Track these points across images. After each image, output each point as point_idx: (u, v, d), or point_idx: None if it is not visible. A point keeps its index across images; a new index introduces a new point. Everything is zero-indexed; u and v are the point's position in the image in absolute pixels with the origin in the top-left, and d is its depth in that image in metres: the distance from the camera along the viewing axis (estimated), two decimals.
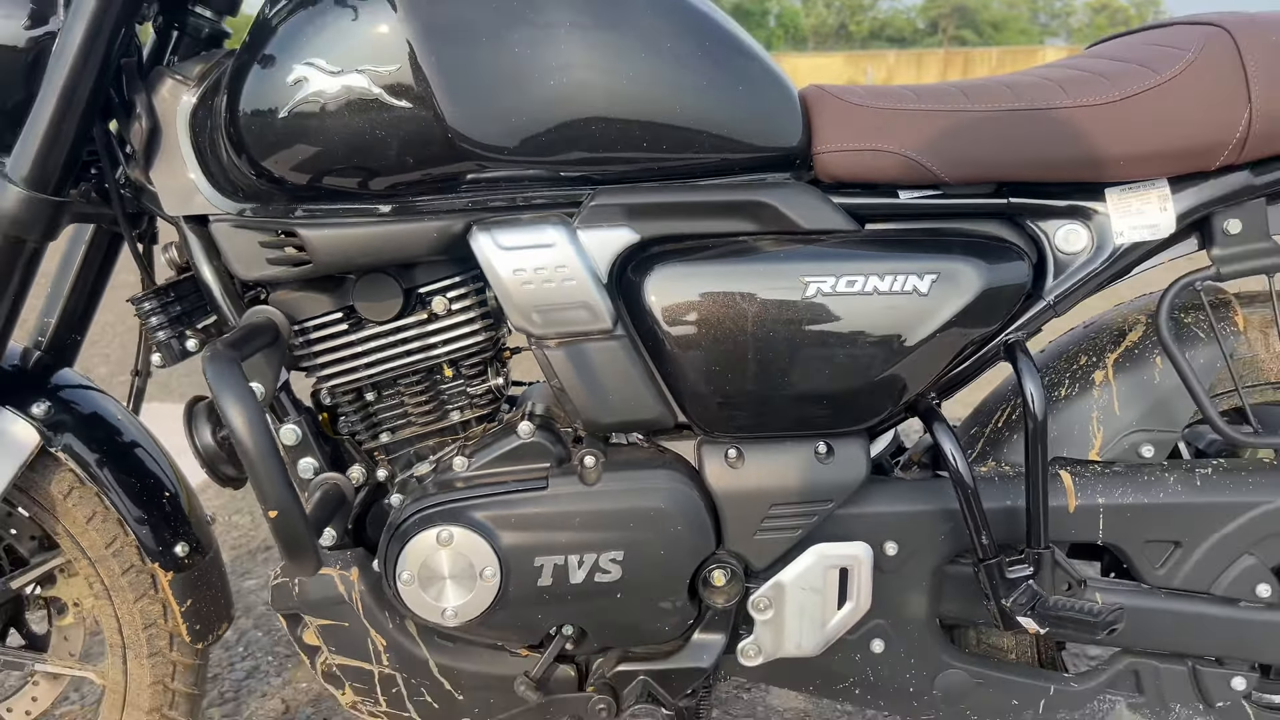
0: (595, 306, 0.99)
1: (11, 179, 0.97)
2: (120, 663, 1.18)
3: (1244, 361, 1.10)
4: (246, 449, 0.87)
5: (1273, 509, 1.05)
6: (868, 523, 1.06)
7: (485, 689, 1.08)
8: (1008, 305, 1.02)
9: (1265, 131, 0.97)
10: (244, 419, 0.87)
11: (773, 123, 1.00)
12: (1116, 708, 1.12)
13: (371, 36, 0.91)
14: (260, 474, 0.87)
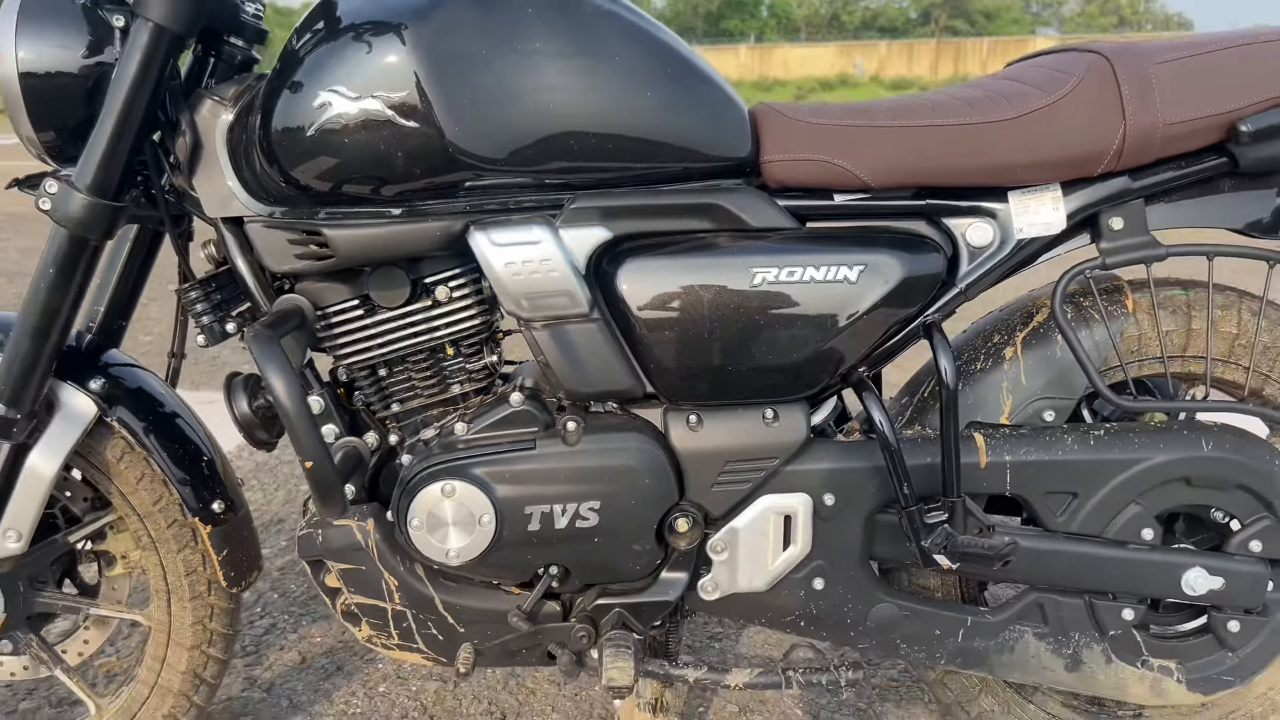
0: (575, 294, 1.16)
1: (77, 187, 1.14)
2: (165, 606, 1.36)
3: (1132, 338, 1.28)
4: (286, 410, 1.05)
5: (1155, 464, 1.23)
6: (808, 477, 1.24)
7: (483, 622, 1.26)
8: (925, 291, 1.20)
9: (1138, 143, 1.15)
10: (284, 386, 1.05)
11: (725, 136, 1.18)
12: (1025, 636, 1.30)
13: (384, 67, 1.09)
14: (298, 430, 1.05)
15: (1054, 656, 1.30)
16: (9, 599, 1.31)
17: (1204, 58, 1.17)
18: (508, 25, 1.10)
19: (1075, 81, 1.15)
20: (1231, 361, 1.29)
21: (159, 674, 1.37)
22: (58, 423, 1.24)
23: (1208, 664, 1.32)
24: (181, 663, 1.36)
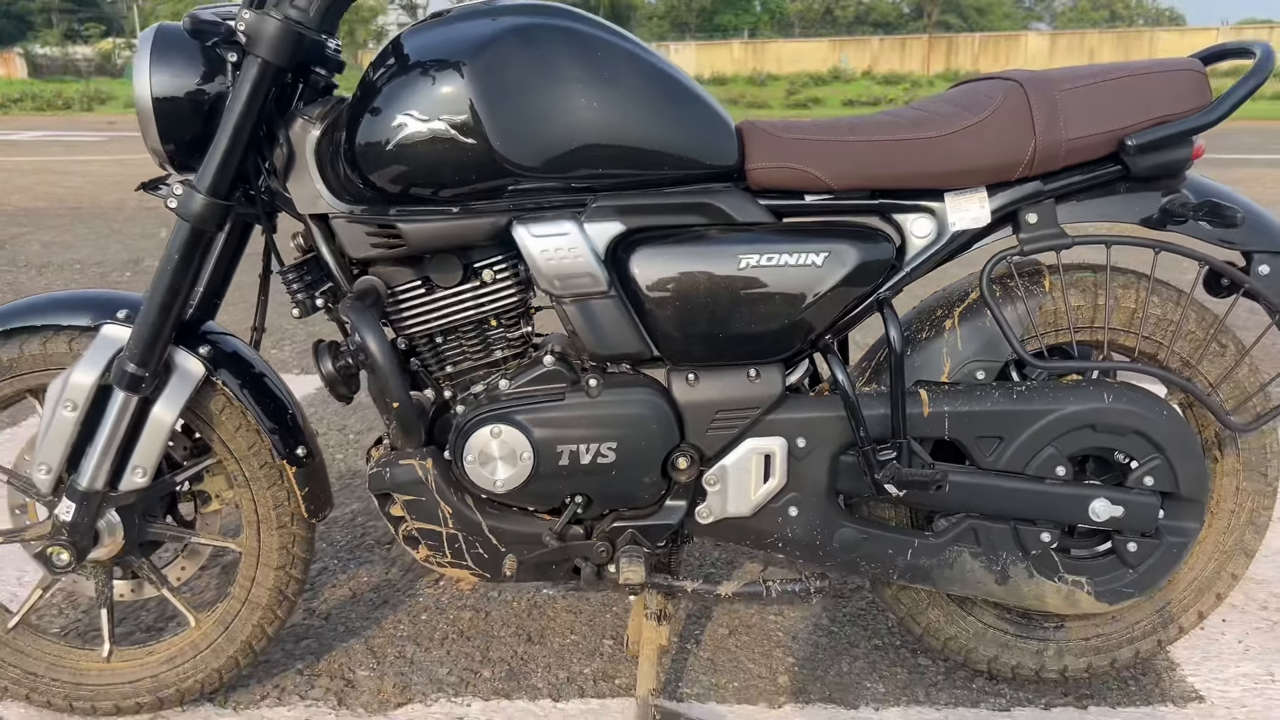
0: (596, 275, 1.45)
1: (197, 189, 1.42)
2: (255, 534, 1.64)
3: (1049, 313, 1.57)
4: (378, 363, 1.34)
5: (1065, 413, 1.52)
6: (784, 424, 1.53)
7: (521, 542, 1.55)
8: (878, 273, 1.48)
9: (1046, 154, 1.44)
10: (376, 344, 1.34)
11: (716, 148, 1.46)
12: (962, 555, 1.59)
13: (447, 95, 1.37)
14: (388, 378, 1.34)
15: (986, 572, 1.59)
16: (127, 527, 1.59)
17: (1100, 84, 1.46)
18: (542, 62, 1.39)
19: (996, 105, 1.44)
20: (1131, 331, 1.58)
21: (250, 591, 1.66)
22: (174, 381, 1.53)
23: (1112, 579, 1.61)
24: (269, 581, 1.65)
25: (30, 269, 5.58)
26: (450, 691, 1.76)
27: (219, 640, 1.67)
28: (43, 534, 1.57)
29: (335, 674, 1.81)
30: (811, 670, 1.81)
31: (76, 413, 1.50)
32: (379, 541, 2.31)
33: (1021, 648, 1.72)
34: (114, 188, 9.52)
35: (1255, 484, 1.65)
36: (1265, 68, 1.46)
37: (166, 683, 1.67)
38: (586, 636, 1.92)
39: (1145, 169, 1.47)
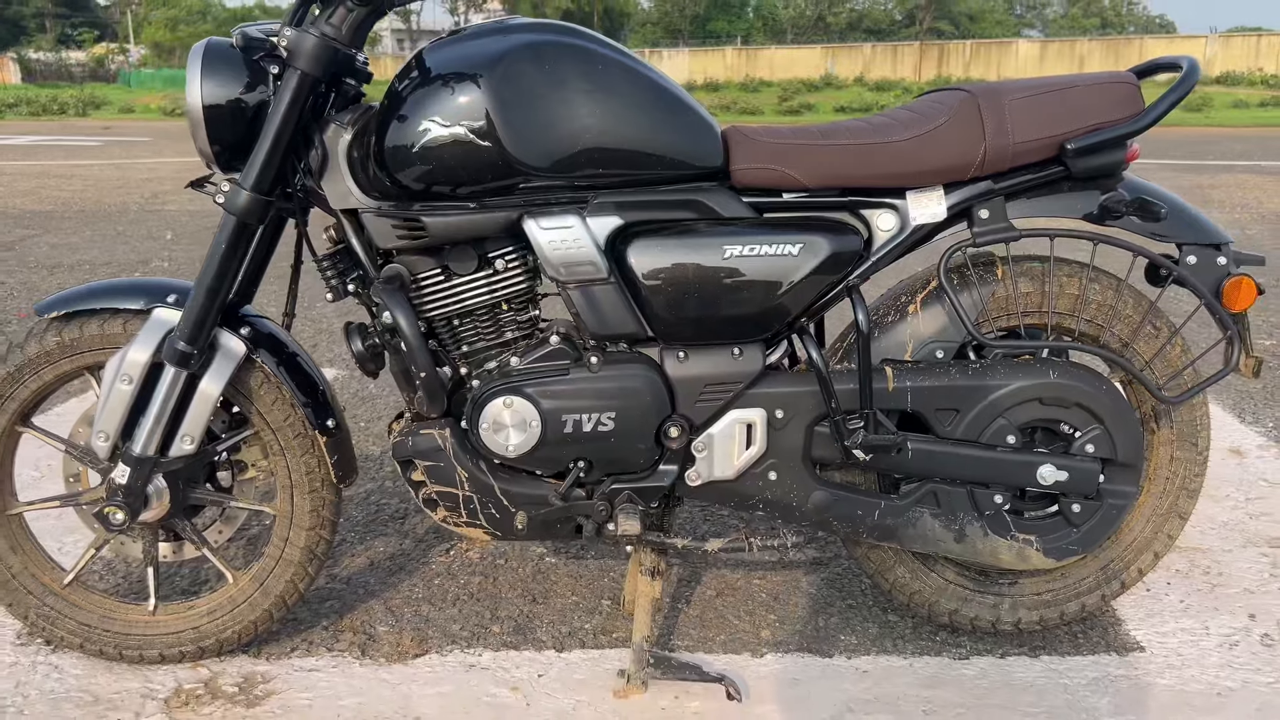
0: (597, 263, 1.63)
1: (243, 186, 1.60)
2: (289, 498, 1.82)
3: (1001, 298, 1.76)
4: (408, 337, 1.53)
5: (1015, 388, 1.71)
6: (764, 397, 1.71)
7: (529, 503, 1.73)
8: (848, 263, 1.67)
9: (996, 157, 1.62)
10: (406, 321, 1.53)
11: (704, 152, 1.65)
12: (924, 516, 1.78)
13: (466, 104, 1.55)
14: (416, 351, 1.53)
15: (945, 531, 1.78)
16: (173, 492, 1.77)
17: (1044, 95, 1.65)
18: (550, 74, 1.57)
19: (951, 113, 1.63)
20: (1074, 315, 1.76)
21: (284, 550, 1.83)
22: (219, 358, 1.70)
23: (1058, 537, 1.79)
24: (301, 540, 1.82)
25: (41, 269, 5.75)
26: (463, 644, 1.94)
27: (255, 595, 1.85)
28: (98, 497, 1.75)
29: (358, 630, 1.99)
30: (791, 626, 2.00)
31: (132, 386, 1.68)
32: (392, 517, 2.49)
33: (979, 602, 1.90)
34: (116, 192, 9.68)
35: (1187, 453, 1.84)
36: (1190, 80, 1.65)
37: (207, 633, 1.85)
38: (586, 597, 2.10)
39: (1084, 170, 1.66)
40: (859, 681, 1.82)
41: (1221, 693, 1.78)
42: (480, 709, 1.74)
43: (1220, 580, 2.18)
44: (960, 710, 1.74)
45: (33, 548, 1.87)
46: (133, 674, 1.85)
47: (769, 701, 1.76)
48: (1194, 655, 1.90)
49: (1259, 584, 2.16)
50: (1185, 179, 10.52)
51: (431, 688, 1.80)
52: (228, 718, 1.72)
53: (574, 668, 1.86)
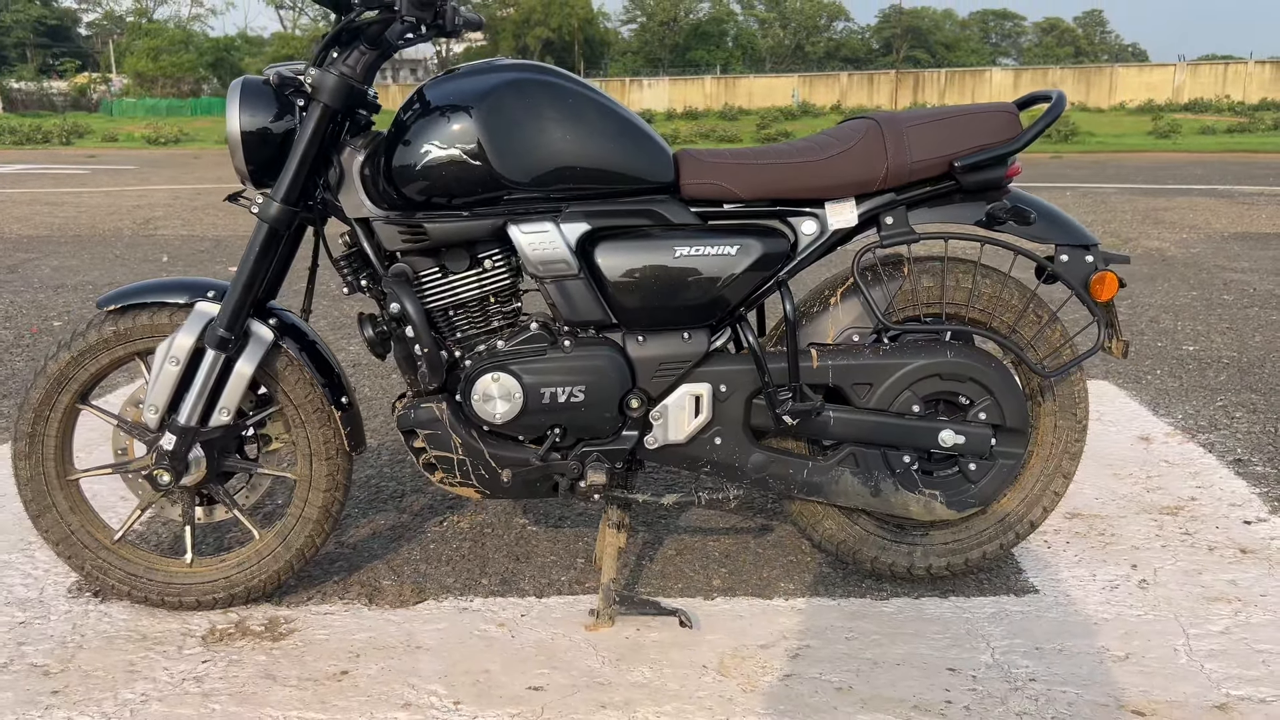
0: (569, 262, 1.97)
1: (274, 199, 1.93)
2: (308, 464, 2.13)
3: (908, 292, 2.10)
4: (414, 319, 1.86)
5: (917, 365, 2.05)
6: (710, 374, 2.05)
7: (513, 464, 2.05)
8: (777, 261, 2.01)
9: (896, 173, 1.98)
10: (412, 306, 1.86)
11: (658, 170, 1.99)
12: (845, 474, 2.11)
13: (460, 131, 1.89)
14: (420, 330, 1.86)
15: (863, 487, 2.11)
16: (209, 460, 2.08)
17: (938, 122, 2.00)
18: (529, 106, 1.92)
19: (859, 137, 1.98)
20: (967, 304, 2.11)
21: (303, 510, 2.15)
22: (251, 344, 2.03)
23: (959, 492, 2.13)
24: (319, 501, 2.14)
25: (47, 289, 6.05)
26: (456, 593, 2.26)
27: (278, 549, 2.16)
28: (146, 463, 2.07)
29: (365, 583, 2.30)
30: (739, 576, 2.32)
31: (178, 367, 2.00)
32: (391, 496, 2.81)
33: (896, 550, 2.23)
34: (108, 217, 9.98)
35: (1068, 421, 2.18)
36: (1057, 109, 2.01)
37: (236, 582, 2.16)
38: (563, 556, 2.42)
39: (972, 183, 2.01)
40: (793, 617, 2.15)
41: (1098, 622, 2.12)
42: (473, 640, 2.06)
43: (1112, 540, 2.52)
44: (877, 637, 2.07)
45: (88, 509, 2.18)
46: (173, 617, 2.16)
47: (717, 632, 2.08)
48: (1079, 595, 2.24)
49: (1144, 542, 2.50)
50: (1141, 202, 10.98)
51: (431, 625, 2.12)
52: (257, 649, 2.03)
53: (552, 609, 2.18)
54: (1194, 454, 3.12)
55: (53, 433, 2.09)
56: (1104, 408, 3.59)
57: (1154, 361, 4.26)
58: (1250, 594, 2.23)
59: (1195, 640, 2.05)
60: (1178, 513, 2.67)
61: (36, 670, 1.95)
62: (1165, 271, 6.51)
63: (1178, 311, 5.27)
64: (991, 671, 1.94)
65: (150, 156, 22.61)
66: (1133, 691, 1.87)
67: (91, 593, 2.24)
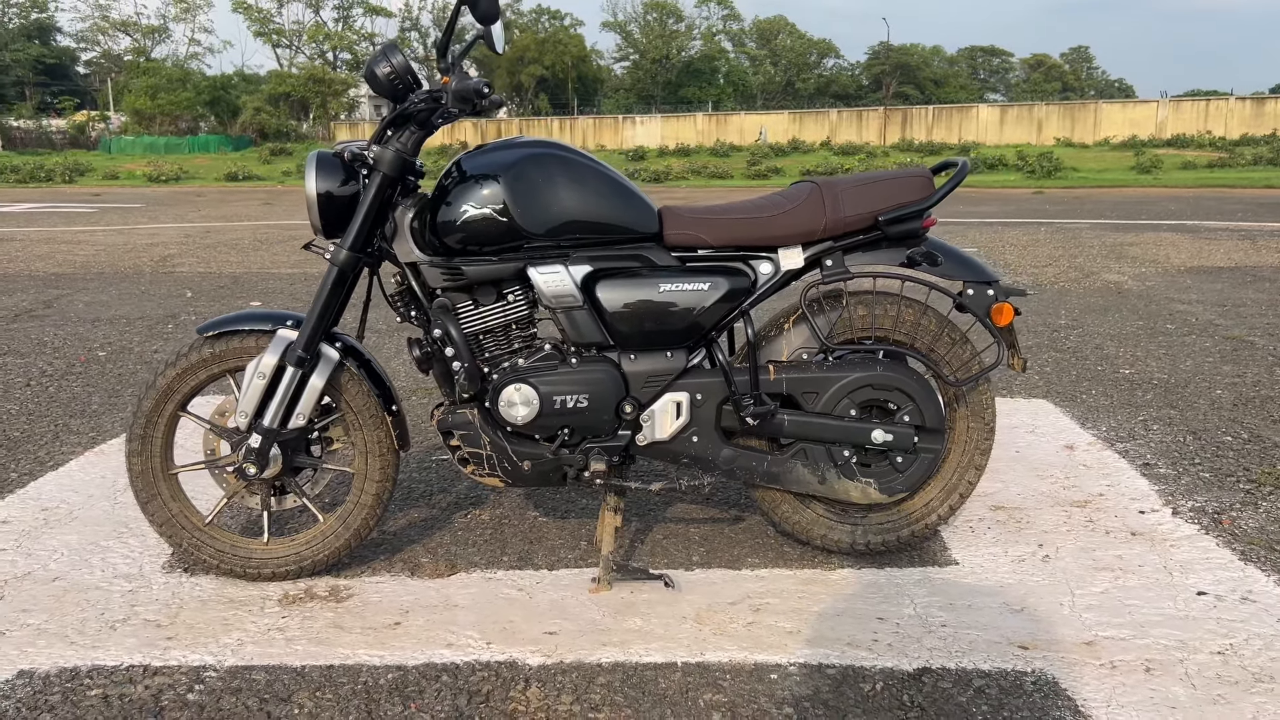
0: (576, 295, 2.49)
1: (344, 247, 2.46)
2: (364, 460, 2.64)
3: (846, 320, 2.62)
4: (456, 340, 2.38)
5: (853, 377, 2.57)
6: (688, 385, 2.57)
7: (531, 458, 2.56)
8: (740, 295, 2.54)
9: (834, 225, 2.51)
10: (455, 331, 2.38)
11: (645, 223, 2.52)
12: (797, 465, 2.62)
13: (490, 194, 2.41)
14: (461, 349, 2.38)
15: (812, 476, 2.63)
16: (284, 457, 2.58)
17: (866, 185, 2.54)
18: (544, 175, 2.44)
19: (804, 197, 2.52)
20: (894, 329, 2.63)
21: (359, 497, 2.65)
22: (322, 362, 2.54)
23: (890, 480, 2.64)
24: (373, 490, 2.64)
25: (84, 323, 6.56)
26: (483, 566, 2.76)
27: (339, 529, 2.66)
28: (235, 460, 2.57)
29: (406, 561, 2.80)
30: (714, 554, 2.83)
31: (265, 381, 2.51)
32: (423, 494, 3.32)
33: (841, 529, 2.74)
34: (126, 256, 10.50)
35: (979, 424, 2.70)
36: (961, 173, 2.54)
37: (305, 557, 2.66)
38: (570, 538, 2.93)
39: (894, 234, 2.54)
40: (757, 583, 2.65)
41: (1003, 585, 2.63)
42: (498, 601, 2.56)
43: (1026, 526, 3.03)
44: (823, 596, 2.57)
45: (185, 498, 2.68)
46: (253, 586, 2.66)
47: (695, 593, 2.58)
48: (992, 566, 2.75)
49: (1053, 527, 3.01)
50: (1111, 237, 11.57)
51: (463, 590, 2.62)
52: (324, 608, 2.53)
53: (561, 578, 2.68)
54: (1109, 459, 3.64)
55: (159, 435, 2.60)
56: (1039, 421, 4.11)
57: (1091, 383, 4.79)
58: (1131, 565, 2.74)
59: (1079, 598, 2.55)
60: (1085, 505, 3.19)
61: (150, 624, 2.45)
62: (1118, 303, 7.05)
63: (1122, 339, 5.81)
64: (912, 620, 2.45)
65: (154, 194, 23.18)
66: (1021, 633, 2.38)
67: (183, 568, 2.74)
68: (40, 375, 5.08)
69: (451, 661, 2.26)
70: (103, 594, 2.60)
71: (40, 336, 6.11)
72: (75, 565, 2.77)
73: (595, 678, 2.20)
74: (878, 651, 2.30)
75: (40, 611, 2.50)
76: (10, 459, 3.72)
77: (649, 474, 3.23)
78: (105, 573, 2.73)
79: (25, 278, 8.75)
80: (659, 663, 2.26)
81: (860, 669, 2.23)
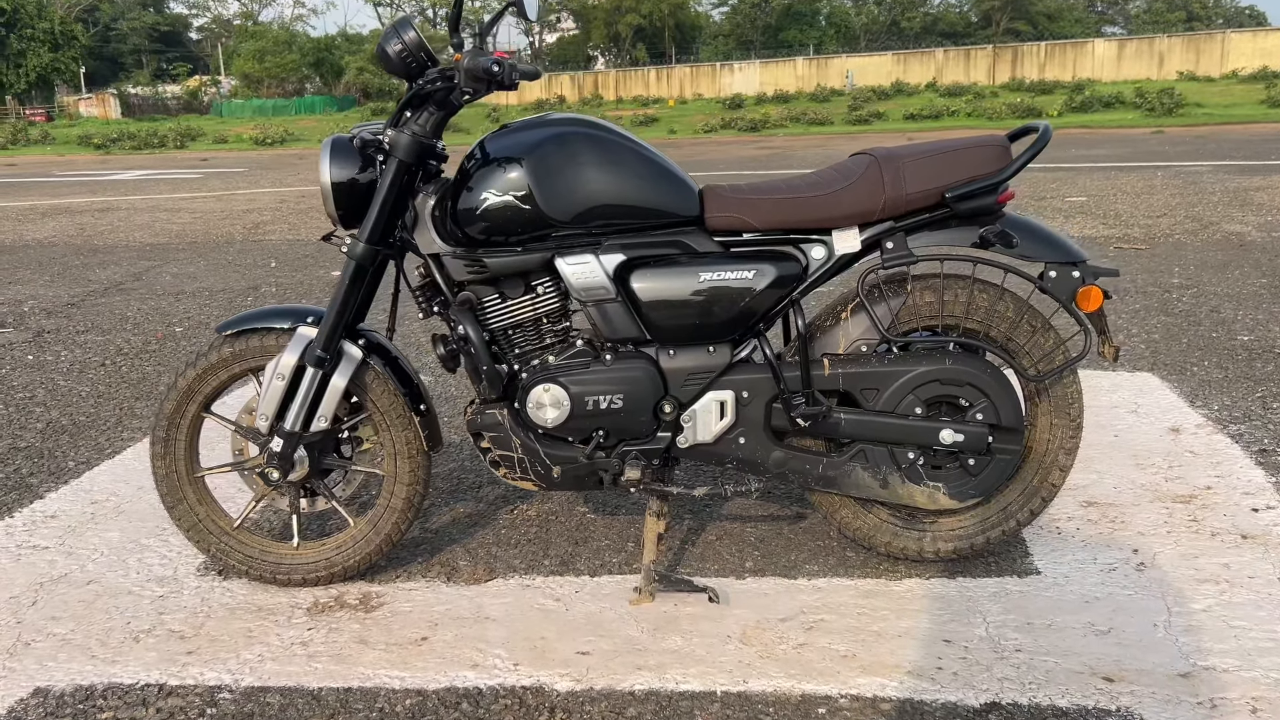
0: (608, 287, 2.28)
1: (360, 239, 2.29)
2: (394, 462, 2.50)
3: (911, 307, 2.36)
4: (475, 342, 2.20)
5: (919, 371, 2.31)
6: (733, 382, 2.34)
7: (564, 462, 2.38)
8: (791, 283, 2.30)
9: (894, 204, 2.24)
10: (474, 331, 2.21)
11: (685, 206, 2.29)
12: (857, 468, 2.39)
13: (514, 179, 2.22)
14: (480, 351, 2.21)
15: (873, 480, 2.39)
16: (311, 459, 2.45)
17: (931, 157, 2.26)
18: (572, 156, 2.23)
19: (860, 173, 2.26)
20: (966, 316, 2.36)
21: (390, 501, 2.51)
22: (344, 361, 2.39)
23: (960, 484, 2.39)
24: (403, 494, 2.50)
25: (168, 296, 6.62)
26: (522, 571, 2.60)
27: (369, 534, 2.53)
28: (259, 462, 2.46)
29: (443, 563, 2.67)
30: (770, 559, 2.62)
31: (284, 382, 2.38)
32: (470, 487, 3.18)
33: (907, 536, 2.50)
34: (221, 223, 10.65)
35: (1063, 419, 2.42)
36: (1042, 140, 2.24)
37: (335, 563, 2.54)
38: (616, 541, 2.75)
39: (964, 211, 2.26)
40: (813, 594, 2.44)
41: (1089, 600, 2.36)
42: (533, 613, 2.40)
43: (1120, 527, 2.74)
44: (885, 613, 2.35)
45: (212, 501, 2.58)
46: (283, 593, 2.55)
47: (743, 607, 2.38)
48: (1078, 576, 2.47)
49: (1151, 529, 2.72)
50: (1234, 181, 10.82)
51: (497, 599, 2.47)
52: (353, 619, 2.41)
53: (602, 586, 2.51)
54: (1220, 444, 3.29)
55: (183, 437, 2.50)
56: (1142, 400, 3.77)
57: (1204, 353, 4.39)
58: (1239, 576, 2.44)
59: (1177, 617, 2.27)
60: (1190, 501, 2.87)
61: (174, 635, 2.36)
62: (1239, 258, 6.53)
63: (1241, 300, 5.34)
64: (983, 643, 2.20)
65: (258, 158, 23.68)
66: (1107, 661, 2.12)
67: (216, 571, 2.65)
68: (116, 354, 5.11)
69: (475, 686, 2.11)
70: (133, 600, 2.52)
71: (124, 311, 6.17)
72: (112, 566, 2.71)
73: (625, 709, 2.02)
74: (941, 682, 2.07)
75: (69, 619, 2.43)
76: (71, 446, 3.71)
77: (693, 478, 3.03)
78: (140, 575, 2.66)
79: (122, 249, 8.92)
80: (696, 691, 2.07)
81: (920, 703, 2.01)
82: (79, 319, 5.99)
